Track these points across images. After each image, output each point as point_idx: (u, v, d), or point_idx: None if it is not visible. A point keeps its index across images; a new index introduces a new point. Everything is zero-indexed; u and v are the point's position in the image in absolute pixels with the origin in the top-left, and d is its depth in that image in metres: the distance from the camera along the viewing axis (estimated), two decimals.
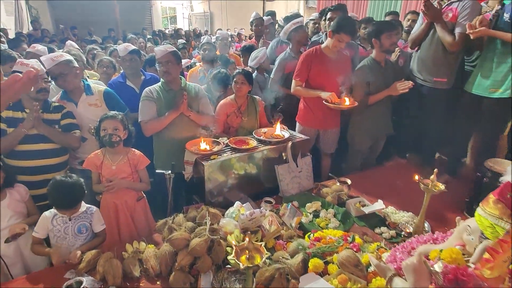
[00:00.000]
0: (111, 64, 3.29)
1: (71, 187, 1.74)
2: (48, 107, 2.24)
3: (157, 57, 2.43)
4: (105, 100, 2.55)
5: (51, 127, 2.20)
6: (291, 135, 2.67)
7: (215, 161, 2.21)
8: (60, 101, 2.45)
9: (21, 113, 2.14)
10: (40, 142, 2.16)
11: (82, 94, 2.49)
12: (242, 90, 2.80)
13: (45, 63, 2.29)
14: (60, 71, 2.33)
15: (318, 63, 2.79)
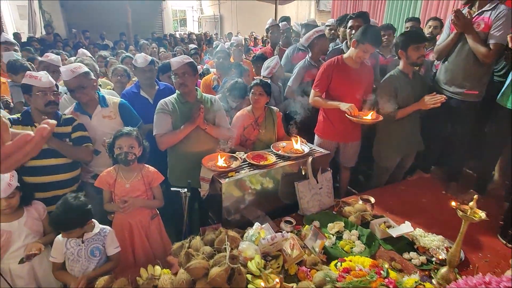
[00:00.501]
0: (125, 73, 3.22)
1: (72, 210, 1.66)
2: (58, 120, 2.17)
3: (173, 68, 2.34)
4: (120, 112, 2.48)
5: (62, 141, 2.12)
6: (311, 150, 2.56)
7: (233, 178, 2.11)
8: (73, 113, 2.39)
9: (31, 127, 2.07)
10: (51, 157, 2.09)
11: (97, 106, 2.42)
12: (260, 102, 2.70)
13: (64, 74, 2.23)
14: (78, 83, 2.27)
15: (340, 73, 2.66)
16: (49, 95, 2.05)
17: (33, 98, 2.04)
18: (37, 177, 2.07)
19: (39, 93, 2.02)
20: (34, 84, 2.01)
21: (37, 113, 2.08)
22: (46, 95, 2.04)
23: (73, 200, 1.66)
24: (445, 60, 2.73)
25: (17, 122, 2.06)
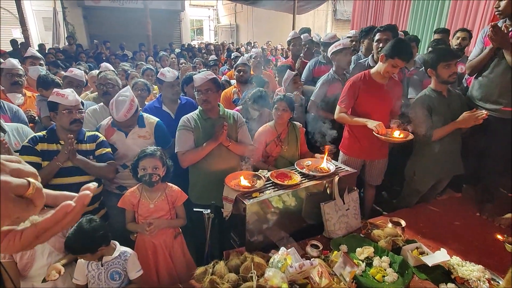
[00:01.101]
0: (145, 87, 3.22)
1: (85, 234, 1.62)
2: (82, 137, 2.17)
3: (196, 84, 2.31)
4: (155, 133, 2.50)
5: (86, 159, 2.11)
6: (337, 168, 2.46)
7: (257, 199, 2.03)
8: (110, 128, 2.41)
9: (56, 145, 2.07)
10: (75, 175, 2.08)
11: (135, 126, 2.44)
12: (283, 117, 2.63)
13: (116, 118, 2.27)
14: (130, 123, 2.34)
15: (367, 89, 2.57)
16: (75, 113, 2.05)
17: (59, 116, 2.05)
18: None
19: (65, 111, 2.03)
20: (60, 102, 2.02)
21: (62, 131, 2.08)
22: (71, 113, 2.04)
23: (87, 224, 1.62)
24: (479, 76, 2.59)
25: (43, 140, 2.06)
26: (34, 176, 0.43)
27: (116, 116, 2.27)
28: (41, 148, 2.04)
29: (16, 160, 0.43)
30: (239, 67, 3.72)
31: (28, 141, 2.03)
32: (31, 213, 0.42)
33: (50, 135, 2.10)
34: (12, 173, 0.40)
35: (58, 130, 2.11)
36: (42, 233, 0.43)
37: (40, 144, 2.04)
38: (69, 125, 2.05)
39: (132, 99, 2.31)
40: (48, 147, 2.06)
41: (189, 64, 4.87)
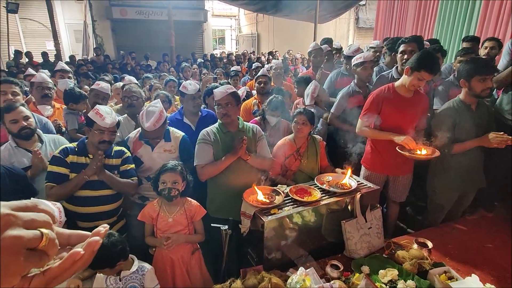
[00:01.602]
0: (167, 99, 3.29)
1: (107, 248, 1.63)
2: (110, 151, 2.22)
3: (216, 98, 2.32)
4: (180, 147, 2.54)
5: (111, 174, 2.16)
6: (359, 184, 2.38)
7: (276, 216, 1.99)
8: (137, 140, 2.47)
9: (85, 158, 2.14)
10: (100, 188, 2.13)
11: (161, 140, 2.49)
12: (302, 131, 2.59)
13: (146, 127, 2.31)
14: (158, 134, 2.39)
15: (391, 103, 2.48)
16: (106, 135, 2.10)
17: (92, 133, 2.11)
18: (84, 207, 2.11)
19: (97, 131, 2.09)
20: (96, 121, 2.08)
21: (92, 146, 2.15)
22: (103, 134, 2.09)
23: (106, 239, 1.63)
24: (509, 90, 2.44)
25: (73, 152, 2.13)
26: (47, 225, 0.43)
27: (145, 125, 2.31)
28: (71, 160, 2.10)
29: (32, 205, 0.43)
30: (259, 78, 3.72)
31: (59, 152, 2.10)
32: (43, 264, 0.41)
33: (81, 148, 2.16)
34: (25, 225, 0.40)
35: (88, 144, 2.17)
36: (51, 281, 0.42)
37: (70, 156, 2.10)
38: (97, 144, 2.11)
39: (161, 110, 2.36)
40: (78, 159, 2.12)
41: (210, 76, 4.92)
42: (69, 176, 2.08)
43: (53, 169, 2.05)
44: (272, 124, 3.09)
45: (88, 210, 2.11)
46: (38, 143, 2.37)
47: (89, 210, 2.11)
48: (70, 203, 2.10)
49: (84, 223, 2.12)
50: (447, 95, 2.97)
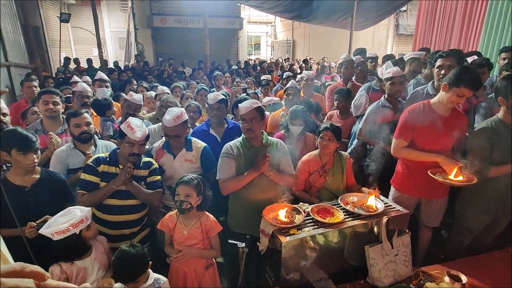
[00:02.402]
0: (198, 110, 3.37)
1: (132, 259, 1.66)
2: (139, 162, 2.29)
3: (241, 113, 2.33)
4: (201, 157, 2.57)
5: (138, 184, 2.23)
6: (386, 206, 2.25)
7: (295, 237, 1.94)
8: (160, 150, 2.55)
9: (115, 168, 2.22)
10: (126, 198, 2.20)
11: (183, 149, 2.54)
12: (328, 148, 2.51)
13: (166, 122, 2.39)
14: (177, 132, 2.43)
15: (426, 121, 2.32)
16: (135, 148, 2.18)
17: (123, 145, 2.20)
18: (111, 216, 2.19)
19: (127, 144, 2.17)
20: (127, 134, 2.16)
21: (123, 157, 2.24)
22: (132, 146, 2.17)
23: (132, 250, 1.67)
24: None
25: (105, 162, 2.23)
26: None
27: (166, 119, 2.39)
28: (102, 169, 2.19)
29: (19, 269, 0.44)
30: (288, 90, 3.69)
31: (92, 161, 2.20)
32: None
33: (112, 158, 2.24)
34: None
35: (119, 154, 2.25)
36: None
37: (102, 166, 2.20)
38: (127, 156, 2.19)
39: (183, 111, 2.46)
40: (108, 169, 2.21)
41: (240, 87, 4.97)
42: (99, 185, 2.17)
43: (86, 177, 2.16)
44: (295, 135, 3.03)
45: (114, 219, 2.19)
46: (93, 147, 2.58)
47: (115, 218, 2.19)
48: (99, 210, 2.20)
49: (110, 230, 2.20)
50: (491, 112, 2.74)
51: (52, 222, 1.74)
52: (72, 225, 1.72)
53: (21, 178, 2.06)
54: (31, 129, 2.79)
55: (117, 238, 2.20)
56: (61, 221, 1.72)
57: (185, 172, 2.52)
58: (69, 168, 2.45)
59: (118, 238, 2.20)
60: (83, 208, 1.83)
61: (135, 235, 2.29)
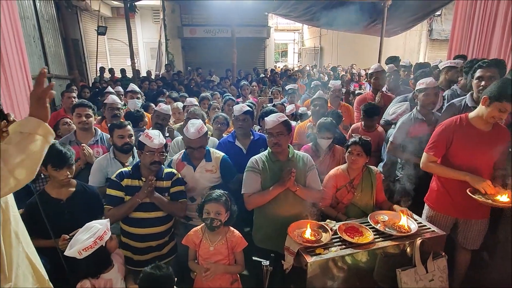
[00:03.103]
0: (225, 121, 3.39)
1: (159, 281, 1.66)
2: (161, 174, 2.32)
3: (267, 127, 2.29)
4: (220, 167, 2.58)
5: (162, 197, 2.25)
6: (420, 227, 2.12)
7: (322, 257, 1.87)
8: (180, 162, 2.58)
9: (138, 181, 2.24)
10: (151, 210, 2.22)
11: (203, 160, 2.56)
12: (357, 163, 2.42)
13: (190, 135, 2.43)
14: (202, 143, 2.48)
15: (464, 137, 2.18)
16: (156, 155, 2.21)
17: (143, 155, 2.24)
18: (137, 228, 2.22)
19: (148, 153, 2.20)
20: (146, 143, 2.20)
21: (145, 168, 2.28)
22: (153, 155, 2.20)
23: (158, 272, 1.67)
24: None
25: (128, 176, 2.26)
26: None
27: (191, 132, 2.42)
28: (126, 183, 2.23)
29: None
30: (315, 101, 3.62)
31: (116, 176, 2.24)
32: None
33: (135, 171, 2.27)
34: None
35: (141, 167, 2.29)
36: None
37: (125, 180, 2.23)
38: (149, 165, 2.21)
39: (202, 124, 2.51)
40: (132, 182, 2.24)
41: (266, 97, 4.96)
42: (124, 199, 2.20)
43: (111, 192, 2.20)
44: (324, 148, 2.96)
45: (141, 231, 2.22)
46: (131, 158, 2.70)
47: (142, 231, 2.22)
48: (126, 224, 2.24)
49: (137, 243, 2.23)
50: None
51: (75, 241, 1.75)
52: (98, 238, 1.76)
53: (57, 191, 2.15)
54: (65, 140, 2.94)
55: (145, 250, 2.23)
56: (84, 238, 1.74)
57: (207, 183, 2.55)
58: (108, 177, 2.52)
59: (145, 250, 2.23)
60: (101, 221, 1.86)
61: (162, 247, 2.30)
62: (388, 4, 8.10)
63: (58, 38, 7.09)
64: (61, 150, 2.07)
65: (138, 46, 15.06)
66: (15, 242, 1.32)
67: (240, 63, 10.10)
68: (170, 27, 12.23)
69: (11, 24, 3.76)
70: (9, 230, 1.29)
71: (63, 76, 7.05)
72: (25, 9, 5.46)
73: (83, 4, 9.70)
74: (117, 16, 14.14)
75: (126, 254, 2.20)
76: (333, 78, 8.21)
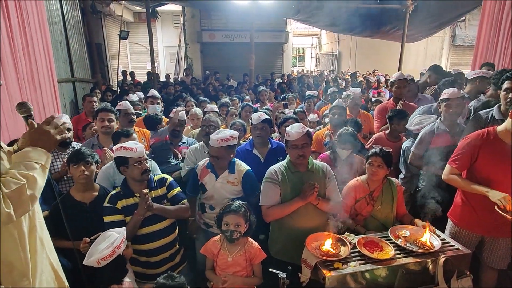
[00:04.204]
0: (242, 128, 3.39)
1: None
2: (152, 184, 2.24)
3: (291, 139, 2.22)
4: (243, 180, 2.54)
5: (162, 206, 2.19)
6: (443, 244, 2.04)
7: (340, 272, 1.83)
8: (204, 168, 2.58)
9: (132, 198, 2.15)
10: (157, 222, 2.18)
11: (226, 171, 2.54)
12: (378, 174, 2.36)
13: (210, 141, 2.42)
14: (218, 154, 2.43)
15: (491, 151, 2.09)
16: (144, 164, 2.13)
17: (130, 169, 2.11)
18: (147, 244, 2.17)
19: (136, 164, 2.10)
20: (130, 155, 2.09)
21: (134, 183, 2.17)
22: (141, 164, 2.11)
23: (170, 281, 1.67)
24: None
25: (120, 197, 2.15)
26: None
27: (211, 139, 2.41)
28: (121, 205, 2.12)
29: None
30: (334, 109, 3.57)
31: (108, 201, 2.14)
32: None
33: (125, 190, 2.16)
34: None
35: (130, 184, 2.17)
36: None
37: (119, 202, 2.12)
38: (140, 176, 2.11)
39: (232, 136, 2.44)
40: (126, 202, 2.14)
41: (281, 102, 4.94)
42: (125, 221, 2.11)
43: (108, 219, 2.09)
44: (342, 158, 2.91)
45: (153, 246, 2.17)
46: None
47: (154, 245, 2.17)
48: (136, 243, 2.14)
49: (152, 257, 2.19)
50: None
51: (93, 250, 1.76)
52: (116, 247, 1.77)
53: (81, 195, 2.20)
54: (88, 143, 3.02)
55: (161, 263, 2.21)
56: (102, 247, 1.75)
57: (227, 194, 2.53)
58: (115, 185, 2.47)
59: (162, 263, 2.21)
60: (118, 229, 1.87)
61: (175, 256, 2.31)
62: (410, 9, 7.95)
63: (83, 42, 7.32)
64: (79, 148, 2.18)
65: (158, 50, 15.40)
66: (40, 249, 1.36)
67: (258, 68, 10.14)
68: (190, 32, 12.42)
69: (40, 30, 3.90)
70: (34, 236, 1.33)
71: (86, 79, 7.27)
72: (53, 15, 5.67)
73: (107, 10, 10.00)
74: (138, 21, 14.52)
75: (137, 270, 2.16)
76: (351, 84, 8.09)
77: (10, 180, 1.16)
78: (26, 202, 1.19)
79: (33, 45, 3.69)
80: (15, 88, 3.24)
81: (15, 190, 1.15)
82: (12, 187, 1.15)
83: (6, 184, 1.15)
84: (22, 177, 1.18)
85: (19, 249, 1.26)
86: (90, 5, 8.01)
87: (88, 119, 4.21)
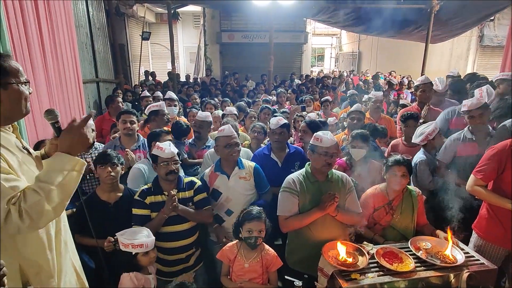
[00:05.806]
0: (262, 130, 3.38)
1: None
2: (181, 185, 2.33)
3: (325, 145, 2.13)
4: (254, 174, 2.60)
5: (187, 208, 2.27)
6: (467, 257, 1.97)
7: (357, 284, 1.79)
8: (213, 173, 2.59)
9: (161, 196, 2.25)
10: (180, 223, 2.26)
11: (235, 168, 2.57)
12: (401, 184, 2.30)
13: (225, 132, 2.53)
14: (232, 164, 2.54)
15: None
16: (170, 165, 2.20)
17: (158, 168, 2.23)
18: (167, 243, 2.24)
19: (162, 164, 2.20)
20: (159, 154, 2.20)
21: (163, 181, 2.27)
22: (168, 165, 2.19)
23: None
24: None
25: (150, 193, 2.25)
26: None
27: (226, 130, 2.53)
28: (150, 201, 2.23)
29: None
30: (352, 114, 3.51)
31: (139, 195, 2.26)
32: None
33: (155, 187, 2.27)
34: None
35: (160, 181, 2.28)
36: None
37: (148, 198, 2.23)
38: (165, 176, 2.20)
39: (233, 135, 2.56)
40: (155, 199, 2.24)
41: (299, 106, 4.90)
42: (150, 216, 2.21)
43: (136, 212, 2.22)
44: (356, 159, 2.84)
45: (171, 245, 2.25)
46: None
47: (172, 244, 2.25)
48: (156, 240, 2.15)
49: (168, 256, 2.26)
50: None
51: (130, 232, 1.94)
52: (131, 244, 1.88)
53: (107, 195, 2.31)
54: (111, 144, 3.11)
55: (175, 262, 2.27)
56: (134, 236, 1.91)
57: (242, 190, 2.53)
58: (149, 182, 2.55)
59: (176, 262, 2.27)
60: (150, 234, 1.95)
61: (190, 258, 2.35)
62: (435, 9, 7.68)
63: (107, 43, 7.54)
64: (106, 150, 2.29)
65: (178, 50, 15.63)
66: (64, 251, 1.42)
67: (277, 69, 10.12)
68: (210, 33, 12.55)
69: (67, 33, 4.05)
70: (60, 239, 1.39)
71: (110, 80, 7.49)
72: (80, 18, 5.86)
73: (130, 11, 10.25)
74: (160, 22, 14.79)
75: (156, 266, 2.23)
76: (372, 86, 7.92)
77: (30, 193, 1.17)
78: (48, 213, 1.20)
79: (60, 48, 3.84)
80: (44, 90, 3.37)
81: (32, 204, 1.15)
82: (30, 202, 1.16)
83: (26, 196, 1.16)
84: (42, 191, 1.18)
85: (47, 252, 1.32)
86: (114, 7, 8.24)
87: (112, 119, 4.31)
